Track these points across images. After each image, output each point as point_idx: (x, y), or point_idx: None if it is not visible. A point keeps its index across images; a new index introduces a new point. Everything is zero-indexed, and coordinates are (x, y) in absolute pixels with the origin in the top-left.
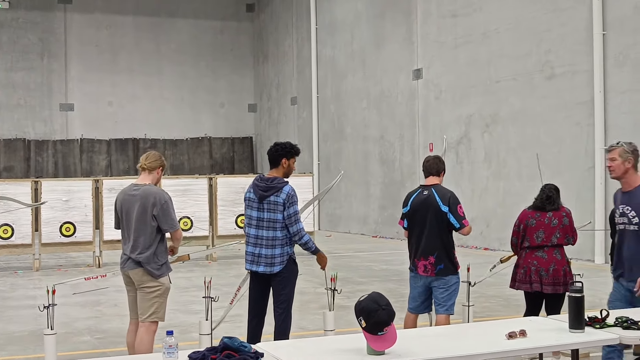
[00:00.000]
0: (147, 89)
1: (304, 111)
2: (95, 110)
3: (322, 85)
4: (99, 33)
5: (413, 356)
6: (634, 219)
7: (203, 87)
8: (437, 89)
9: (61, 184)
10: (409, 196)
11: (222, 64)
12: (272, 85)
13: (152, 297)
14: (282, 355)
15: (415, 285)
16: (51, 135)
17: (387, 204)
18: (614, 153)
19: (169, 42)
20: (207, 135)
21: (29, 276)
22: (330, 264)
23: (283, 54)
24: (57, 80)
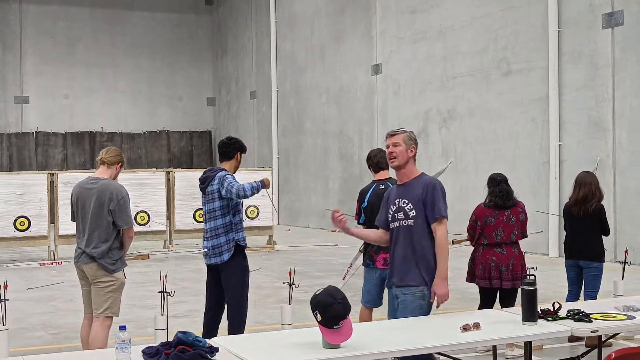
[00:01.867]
0: (104, 82)
1: (264, 105)
2: (51, 103)
3: (282, 79)
4: (54, 25)
5: (368, 349)
6: (411, 212)
7: (160, 81)
8: (395, 84)
9: (15, 177)
10: (364, 192)
11: (180, 57)
12: (231, 79)
13: (106, 292)
14: (237, 350)
15: (370, 278)
16: (6, 128)
17: (346, 198)
18: (398, 138)
19: (124, 35)
20: (165, 129)
21: None
22: (289, 258)
23: (242, 48)
24: (12, 73)
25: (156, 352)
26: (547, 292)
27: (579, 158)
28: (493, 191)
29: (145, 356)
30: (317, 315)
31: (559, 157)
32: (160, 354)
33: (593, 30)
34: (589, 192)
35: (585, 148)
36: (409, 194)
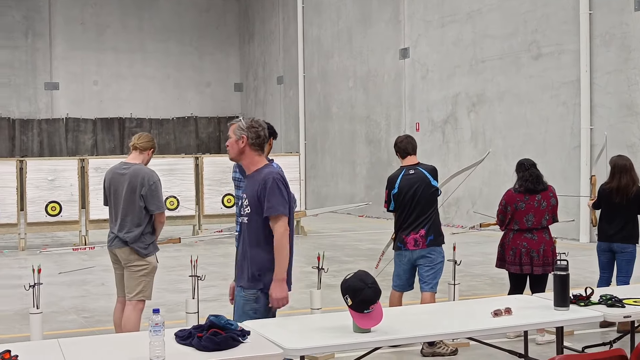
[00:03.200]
0: (132, 68)
1: (290, 90)
2: (81, 89)
3: (309, 64)
4: (83, 11)
5: (399, 334)
6: (246, 209)
7: (188, 66)
8: (423, 68)
9: (47, 163)
10: (393, 178)
11: (208, 42)
12: (258, 65)
13: (139, 275)
14: (269, 333)
15: (400, 262)
16: (36, 114)
17: (373, 183)
18: (230, 130)
19: (152, 20)
20: (193, 115)
21: (14, 255)
22: (317, 243)
23: (269, 33)
24: (42, 59)
25: (188, 335)
26: (578, 278)
27: (610, 142)
28: (523, 176)
29: (178, 339)
30: (348, 300)
31: (590, 142)
32: (192, 337)
33: (625, 13)
34: (630, 180)
35: (616, 132)
36: (248, 188)
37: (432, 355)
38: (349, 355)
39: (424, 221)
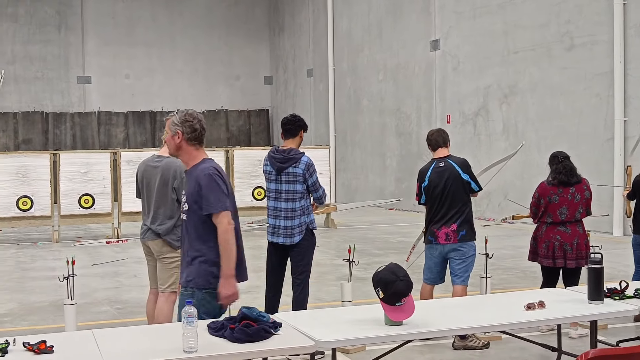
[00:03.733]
0: (163, 62)
1: (320, 83)
2: (113, 83)
3: (339, 57)
4: (115, 6)
5: (431, 327)
6: (184, 206)
7: (218, 60)
8: (454, 60)
9: (80, 156)
10: (423, 171)
11: (237, 36)
12: (288, 58)
13: (171, 267)
14: (301, 325)
15: (431, 255)
16: (69, 108)
17: (404, 176)
18: (166, 125)
19: (183, 15)
20: (224, 108)
21: (48, 247)
22: (347, 236)
23: (299, 26)
24: (74, 53)
25: (221, 326)
26: (612, 272)
27: None
28: (556, 168)
29: (211, 330)
30: (379, 292)
31: (624, 134)
32: (225, 329)
33: None
34: None
35: None
36: (187, 184)
37: (463, 348)
38: (380, 348)
39: (456, 215)
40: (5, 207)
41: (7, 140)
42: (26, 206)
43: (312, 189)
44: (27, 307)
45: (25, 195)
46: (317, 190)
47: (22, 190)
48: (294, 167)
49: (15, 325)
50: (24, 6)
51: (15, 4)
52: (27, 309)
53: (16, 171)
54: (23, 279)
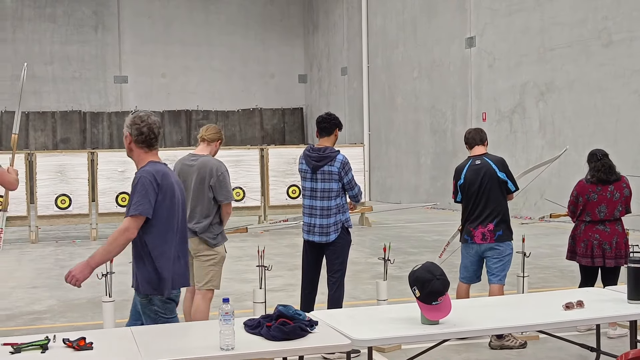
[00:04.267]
0: (199, 61)
1: (355, 81)
2: (149, 82)
3: (373, 55)
4: (151, 5)
5: (468, 326)
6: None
7: (253, 58)
8: (490, 57)
9: (117, 154)
10: (460, 169)
11: (272, 34)
12: (322, 56)
13: (207, 265)
14: (336, 324)
15: (467, 254)
16: (106, 107)
17: (439, 174)
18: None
19: (218, 13)
20: (258, 107)
21: (86, 245)
22: (382, 234)
23: (333, 24)
24: (111, 53)
25: (257, 324)
26: None
27: None
28: (595, 166)
29: (247, 328)
30: (416, 291)
31: None
32: (261, 326)
33: None
34: None
35: None
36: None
37: (500, 348)
38: (416, 347)
39: (492, 214)
40: (44, 206)
41: (46, 139)
42: (65, 204)
43: (348, 187)
44: (66, 304)
45: (64, 194)
46: (353, 188)
47: (61, 189)
48: (330, 165)
49: (55, 321)
50: (61, 7)
51: (54, 5)
52: (66, 306)
53: (55, 170)
54: (62, 276)
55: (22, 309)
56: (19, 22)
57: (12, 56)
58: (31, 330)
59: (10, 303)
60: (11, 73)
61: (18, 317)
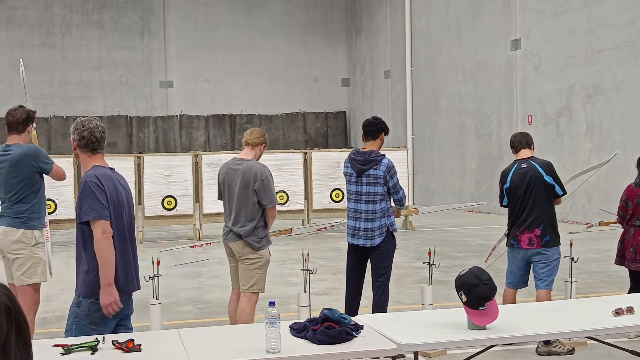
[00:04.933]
0: (242, 65)
1: (398, 85)
2: (194, 87)
3: (416, 58)
4: (196, 10)
5: (515, 331)
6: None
7: (296, 62)
8: (536, 60)
9: (162, 159)
10: (505, 172)
11: (315, 38)
12: (365, 59)
13: (252, 268)
14: (382, 328)
15: (514, 259)
16: (152, 111)
17: (484, 178)
18: None
19: (262, 18)
20: (301, 110)
21: None
22: (426, 238)
23: (376, 27)
24: (157, 58)
25: (303, 327)
26: None
27: None
28: None
29: (293, 331)
30: (462, 296)
31: None
32: (307, 330)
33: None
34: None
35: None
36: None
37: (547, 354)
38: (462, 352)
39: (539, 219)
40: None
41: None
42: None
43: (393, 190)
44: None
45: None
46: (397, 192)
47: None
48: (375, 169)
49: None
50: (109, 13)
51: (101, 12)
52: None
53: None
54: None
55: None
56: (67, 28)
57: (60, 62)
58: None
59: (59, 305)
60: (60, 78)
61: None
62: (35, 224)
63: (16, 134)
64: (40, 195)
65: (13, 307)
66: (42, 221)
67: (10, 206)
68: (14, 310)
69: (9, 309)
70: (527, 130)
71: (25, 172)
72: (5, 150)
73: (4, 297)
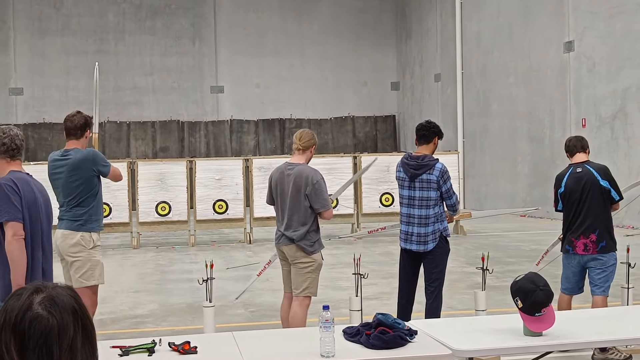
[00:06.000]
0: (292, 70)
1: (448, 88)
2: (244, 92)
3: (467, 61)
4: (246, 16)
5: (572, 338)
6: None
7: (346, 67)
8: (590, 62)
9: (214, 163)
10: (560, 177)
11: (365, 42)
12: (415, 63)
13: (305, 272)
14: (436, 333)
15: (569, 265)
16: (203, 116)
17: (536, 182)
18: None
19: (311, 23)
20: (351, 114)
21: (185, 251)
22: (478, 243)
23: (426, 31)
24: (208, 64)
25: (357, 332)
26: None
27: None
28: None
29: (346, 335)
30: (518, 302)
31: None
32: (360, 334)
33: None
34: None
35: None
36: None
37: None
38: (517, 359)
39: (594, 224)
40: (145, 212)
41: (146, 148)
42: (164, 211)
43: (446, 195)
44: (167, 309)
45: (164, 201)
46: (451, 197)
47: (161, 196)
48: (428, 173)
49: (157, 325)
50: (161, 20)
51: (153, 18)
52: (167, 310)
53: (155, 178)
54: (162, 281)
55: (125, 312)
56: (121, 35)
57: (114, 68)
58: (135, 334)
59: (114, 307)
60: (114, 84)
61: (122, 320)
62: (93, 226)
63: (74, 139)
64: (98, 198)
65: (80, 309)
66: (100, 224)
67: (68, 209)
68: (80, 312)
69: (76, 310)
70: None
71: (84, 176)
72: (64, 155)
73: (71, 299)
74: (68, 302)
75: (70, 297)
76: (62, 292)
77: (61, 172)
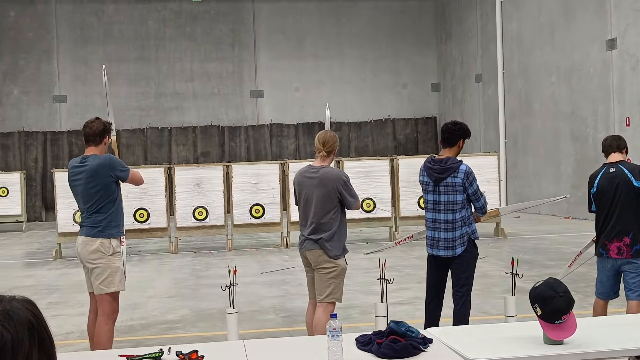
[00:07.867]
0: (330, 73)
1: (489, 88)
2: (283, 96)
3: (508, 61)
4: (284, 21)
5: (595, 346)
6: None
7: (384, 69)
8: (633, 60)
9: (251, 167)
10: (593, 177)
11: (404, 44)
12: (455, 64)
13: (328, 277)
14: (451, 342)
15: (603, 268)
16: (243, 121)
17: (580, 183)
18: None
19: (350, 26)
20: (391, 117)
21: (222, 256)
22: (518, 246)
23: (467, 32)
24: (247, 69)
25: (369, 341)
26: None
27: None
28: None
29: (359, 344)
30: (537, 309)
31: None
32: (372, 343)
33: None
34: None
35: None
36: None
37: None
38: None
39: (628, 227)
40: (183, 217)
41: (187, 154)
42: (202, 216)
43: (473, 198)
44: (197, 314)
45: (201, 206)
46: (479, 200)
47: (198, 201)
48: (453, 177)
49: (186, 331)
50: (200, 26)
51: (193, 24)
52: (198, 316)
53: (192, 183)
54: (197, 286)
55: (156, 318)
56: (161, 41)
57: (155, 74)
58: (162, 340)
59: (146, 312)
60: (155, 90)
61: (152, 326)
62: (112, 232)
63: (93, 145)
64: (118, 204)
65: (37, 323)
66: (120, 229)
67: (88, 216)
68: (37, 325)
69: (32, 324)
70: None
71: (102, 182)
72: (82, 162)
73: (27, 313)
74: (24, 316)
75: (26, 311)
76: (18, 305)
77: (80, 179)
